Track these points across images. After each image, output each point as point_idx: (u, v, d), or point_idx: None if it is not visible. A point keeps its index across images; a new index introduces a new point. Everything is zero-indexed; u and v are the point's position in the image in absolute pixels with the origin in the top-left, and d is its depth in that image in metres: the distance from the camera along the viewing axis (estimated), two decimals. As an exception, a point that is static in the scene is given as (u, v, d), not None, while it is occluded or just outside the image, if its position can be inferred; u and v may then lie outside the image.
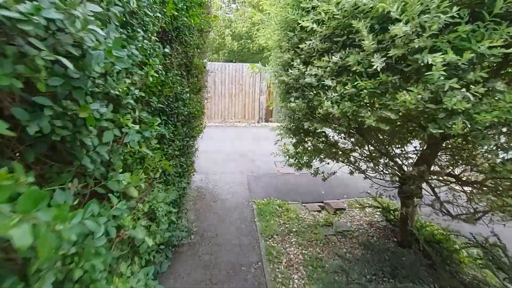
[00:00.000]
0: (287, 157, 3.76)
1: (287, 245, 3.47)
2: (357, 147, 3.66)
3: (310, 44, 2.14)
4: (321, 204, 4.88)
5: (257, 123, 12.15)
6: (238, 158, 7.10)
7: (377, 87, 1.78)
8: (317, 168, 3.63)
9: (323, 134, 3.45)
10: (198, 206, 4.45)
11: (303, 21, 2.07)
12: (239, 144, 8.66)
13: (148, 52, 1.41)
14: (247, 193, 5.06)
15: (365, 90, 1.85)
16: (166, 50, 1.63)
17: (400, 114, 1.72)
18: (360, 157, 3.61)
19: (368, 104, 1.93)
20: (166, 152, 2.19)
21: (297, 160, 3.64)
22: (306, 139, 3.59)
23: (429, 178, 3.05)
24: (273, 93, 12.49)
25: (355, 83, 1.80)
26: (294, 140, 3.63)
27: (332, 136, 3.37)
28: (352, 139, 3.62)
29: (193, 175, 4.12)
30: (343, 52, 1.95)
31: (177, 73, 2.14)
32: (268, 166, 6.54)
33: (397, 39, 1.61)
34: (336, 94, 1.97)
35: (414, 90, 1.53)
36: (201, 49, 3.05)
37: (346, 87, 1.88)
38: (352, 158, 3.39)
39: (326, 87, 2.19)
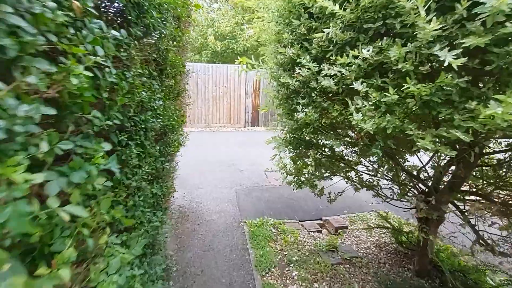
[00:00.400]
0: (285, 173, 3.18)
1: (288, 281, 2.88)
2: (362, 159, 3.14)
3: (328, 34, 1.57)
4: (320, 221, 4.34)
5: (243, 128, 11.53)
6: (225, 168, 6.46)
7: (433, 94, 1.22)
8: (323, 187, 3.07)
9: (329, 146, 2.90)
10: (180, 230, 3.77)
11: (321, 0, 1.50)
12: (225, 151, 8.01)
13: (73, 30, 0.77)
14: (237, 212, 4.43)
15: (412, 99, 1.29)
16: (115, 33, 0.99)
17: (473, 132, 1.18)
18: (368, 171, 3.09)
19: (415, 118, 1.38)
20: (128, 186, 1.54)
21: (296, 177, 3.06)
22: (307, 152, 3.03)
23: (460, 199, 2.58)
24: (258, 96, 11.90)
25: (404, 88, 1.24)
26: (292, 154, 3.05)
27: (342, 151, 2.82)
28: (356, 148, 3.08)
29: (173, 196, 3.45)
30: (380, 44, 1.39)
31: (142, 73, 1.50)
32: (258, 177, 5.94)
33: (475, 22, 1.07)
34: (369, 102, 1.40)
35: (509, 99, 0.98)
36: (179, 43, 2.41)
37: (387, 94, 1.32)
38: (365, 175, 2.86)
39: (349, 93, 1.63)
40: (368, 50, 1.41)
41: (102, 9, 1.13)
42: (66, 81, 0.74)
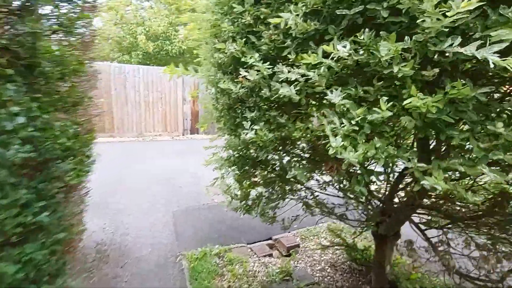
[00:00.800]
0: (229, 197, 2.64)
1: (238, 333, 2.34)
2: (315, 173, 2.81)
3: (286, 22, 1.10)
4: (271, 241, 3.93)
5: (182, 136, 10.59)
6: (160, 185, 5.57)
7: (441, 110, 0.85)
8: (275, 213, 2.63)
9: (279, 162, 2.47)
10: (96, 280, 2.87)
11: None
12: (161, 164, 7.05)
13: None
14: (174, 241, 3.70)
15: (409, 117, 0.91)
16: None
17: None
18: (318, 185, 2.78)
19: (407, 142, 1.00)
20: None
21: (244, 202, 2.56)
22: (254, 171, 2.55)
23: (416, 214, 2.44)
24: (197, 101, 11.07)
25: (407, 102, 0.84)
26: (237, 174, 2.54)
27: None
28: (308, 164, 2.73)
29: (81, 239, 2.57)
30: (361, 38, 0.97)
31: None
32: (200, 193, 5.25)
33: None
34: (352, 121, 0.96)
35: None
36: (69, 30, 1.66)
37: (376, 109, 0.90)
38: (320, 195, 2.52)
39: (315, 104, 1.19)
40: (345, 46, 0.98)
41: None
42: None
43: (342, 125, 0.96)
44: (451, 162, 0.86)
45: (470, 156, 0.89)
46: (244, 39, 1.43)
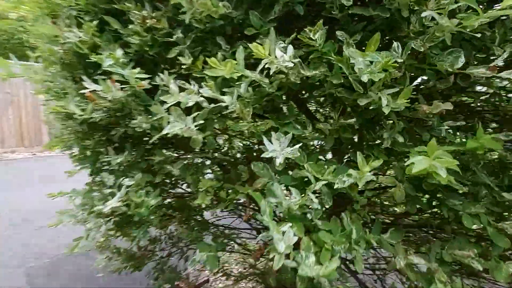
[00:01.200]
0: (106, 257, 1.84)
1: None
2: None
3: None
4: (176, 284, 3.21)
5: (48, 152, 8.20)
6: (8, 232, 3.86)
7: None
8: (180, 272, 1.98)
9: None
10: None
11: None
12: (10, 196, 5.05)
13: None
14: (23, 321, 2.47)
15: (392, 179, 0.53)
16: None
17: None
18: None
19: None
20: None
21: (129, 261, 1.82)
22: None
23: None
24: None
25: (418, 169, 0.43)
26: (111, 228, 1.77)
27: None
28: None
29: None
30: (314, 36, 0.53)
31: None
32: (71, 233, 3.92)
33: None
34: (308, 191, 0.51)
35: None
36: None
37: (351, 172, 0.48)
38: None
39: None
40: (285, 49, 0.52)
41: None
42: None
43: (291, 199, 0.51)
44: (457, 253, 0.53)
45: (468, 230, 0.59)
46: (98, 22, 0.79)
